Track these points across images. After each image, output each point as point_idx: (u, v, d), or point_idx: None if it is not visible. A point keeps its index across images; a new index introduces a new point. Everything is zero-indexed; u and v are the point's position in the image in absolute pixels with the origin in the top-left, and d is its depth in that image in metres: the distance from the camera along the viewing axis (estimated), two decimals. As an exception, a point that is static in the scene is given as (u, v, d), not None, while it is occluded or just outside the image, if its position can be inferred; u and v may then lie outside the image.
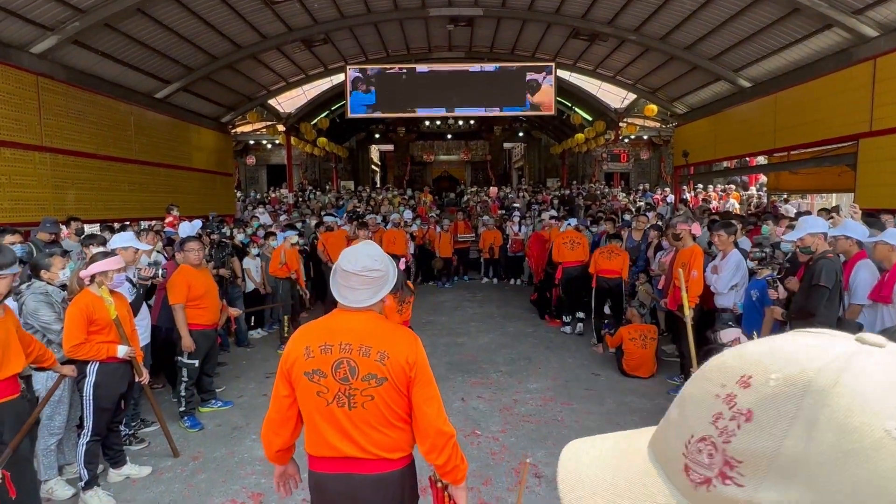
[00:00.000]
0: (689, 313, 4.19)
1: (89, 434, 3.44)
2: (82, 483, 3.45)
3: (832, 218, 5.83)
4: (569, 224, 8.23)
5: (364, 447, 1.83)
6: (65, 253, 4.07)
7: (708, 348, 3.89)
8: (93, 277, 3.42)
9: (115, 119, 9.79)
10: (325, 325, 1.90)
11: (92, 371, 3.41)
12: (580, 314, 7.83)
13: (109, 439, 3.69)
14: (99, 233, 6.44)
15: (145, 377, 3.79)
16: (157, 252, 6.07)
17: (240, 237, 8.31)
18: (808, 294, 3.80)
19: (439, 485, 1.96)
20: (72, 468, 3.79)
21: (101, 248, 4.41)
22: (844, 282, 3.96)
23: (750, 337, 3.62)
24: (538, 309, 8.80)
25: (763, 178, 16.31)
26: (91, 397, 3.41)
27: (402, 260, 6.89)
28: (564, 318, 7.84)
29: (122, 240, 4.42)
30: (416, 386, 1.83)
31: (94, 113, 9.15)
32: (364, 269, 1.83)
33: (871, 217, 5.60)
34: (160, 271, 4.68)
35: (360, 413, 1.82)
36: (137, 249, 4.43)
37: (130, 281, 4.21)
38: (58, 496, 3.54)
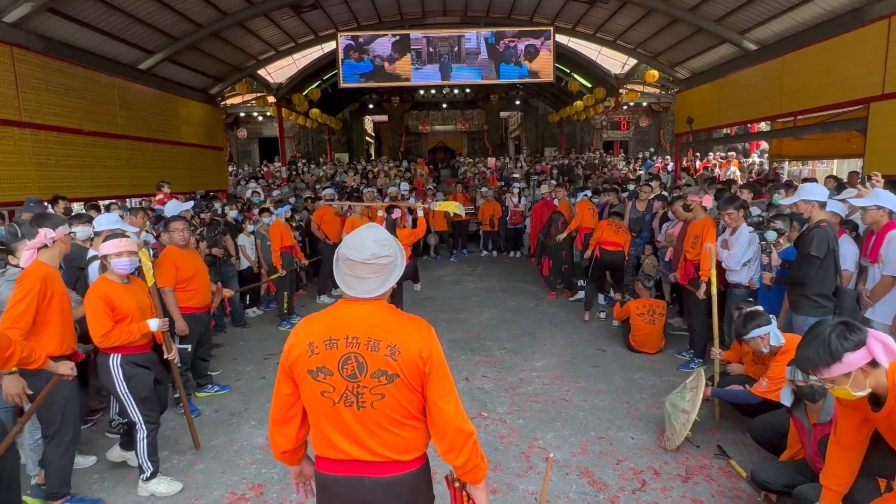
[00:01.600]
0: (714, 290, 4.04)
1: (143, 428, 3.25)
2: (146, 475, 3.30)
3: (850, 188, 5.61)
4: (584, 194, 8.25)
5: (374, 450, 1.67)
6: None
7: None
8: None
9: (99, 92, 9.37)
10: (328, 317, 1.71)
11: (116, 365, 3.19)
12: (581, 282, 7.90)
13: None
14: (84, 212, 6.20)
15: (174, 353, 3.64)
16: (146, 232, 5.84)
17: (232, 213, 8.03)
18: (800, 263, 3.81)
19: (457, 484, 1.81)
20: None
21: (84, 226, 4.24)
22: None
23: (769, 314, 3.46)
24: (548, 283, 8.59)
25: (764, 145, 16.04)
26: (126, 392, 3.21)
27: (396, 210, 6.88)
28: (579, 283, 7.87)
29: (108, 222, 4.19)
30: (430, 382, 1.65)
31: (76, 86, 8.74)
32: (372, 256, 1.65)
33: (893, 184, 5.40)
34: (150, 252, 4.46)
35: (368, 413, 1.65)
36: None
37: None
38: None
